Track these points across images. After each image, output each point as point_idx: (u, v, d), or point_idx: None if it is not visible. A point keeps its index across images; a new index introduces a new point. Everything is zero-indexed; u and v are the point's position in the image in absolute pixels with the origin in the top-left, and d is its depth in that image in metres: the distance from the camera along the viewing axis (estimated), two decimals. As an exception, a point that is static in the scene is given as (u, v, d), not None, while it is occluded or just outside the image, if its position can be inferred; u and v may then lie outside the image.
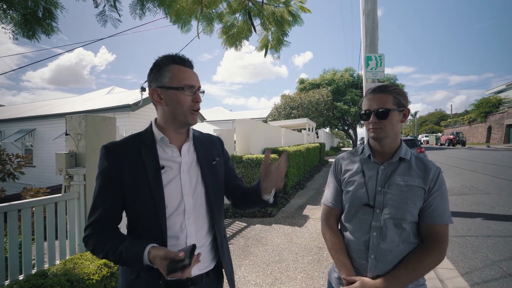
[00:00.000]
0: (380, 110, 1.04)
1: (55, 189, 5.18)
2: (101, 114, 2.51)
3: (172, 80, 0.92)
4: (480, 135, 34.68)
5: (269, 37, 3.83)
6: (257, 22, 3.61)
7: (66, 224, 2.48)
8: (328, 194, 1.22)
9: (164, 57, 0.95)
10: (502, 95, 35.61)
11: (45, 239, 2.30)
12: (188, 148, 1.02)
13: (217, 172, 1.07)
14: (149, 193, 0.90)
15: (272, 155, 5.82)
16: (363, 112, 1.10)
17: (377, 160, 1.11)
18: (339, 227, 1.20)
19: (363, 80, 6.20)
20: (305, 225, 4.60)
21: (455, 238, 3.85)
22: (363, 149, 1.17)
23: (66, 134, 2.58)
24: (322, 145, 15.85)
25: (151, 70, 0.97)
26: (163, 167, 0.93)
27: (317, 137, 21.35)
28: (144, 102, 9.55)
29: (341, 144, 47.62)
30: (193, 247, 0.81)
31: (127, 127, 8.47)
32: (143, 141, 0.96)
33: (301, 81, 30.30)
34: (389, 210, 1.02)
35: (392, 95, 1.05)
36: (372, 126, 1.06)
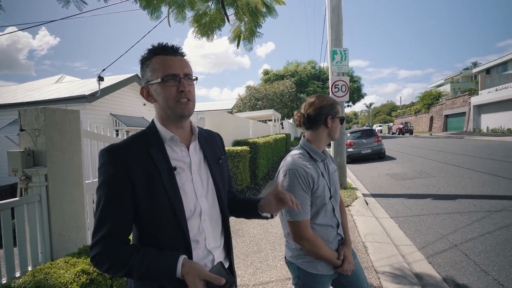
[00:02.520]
0: None
1: None
2: (51, 106, 2.24)
3: (153, 74, 0.87)
4: (424, 124, 38.81)
5: (242, 28, 3.76)
6: (230, 11, 3.51)
7: (25, 231, 2.21)
8: (302, 207, 1.20)
9: (147, 51, 0.90)
10: (441, 88, 40.12)
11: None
12: (195, 146, 0.97)
13: (224, 171, 1.05)
14: (166, 198, 0.84)
15: (244, 147, 5.82)
16: (342, 116, 1.36)
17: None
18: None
19: (329, 73, 6.46)
20: (278, 214, 4.73)
21: (411, 217, 4.31)
22: (309, 153, 1.30)
23: (21, 130, 2.27)
24: (288, 136, 16.29)
25: (140, 68, 0.92)
26: (175, 168, 0.88)
27: (282, 128, 21.87)
28: (102, 92, 8.78)
29: (304, 135, 49.39)
30: (222, 265, 0.82)
31: (83, 120, 7.71)
32: (150, 141, 0.89)
33: (266, 72, 30.53)
34: (337, 192, 1.35)
35: None
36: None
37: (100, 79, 8.10)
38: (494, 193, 5.15)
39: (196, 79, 0.93)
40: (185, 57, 0.93)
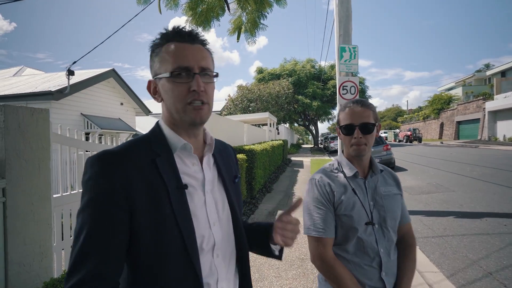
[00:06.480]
0: (366, 123, 1.16)
1: None
2: (11, 103, 2.05)
3: (161, 65, 0.77)
4: (434, 131, 39.67)
5: (243, 19, 3.67)
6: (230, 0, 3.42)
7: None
8: (318, 222, 1.16)
9: (159, 35, 0.79)
10: (452, 92, 41.23)
11: None
12: (208, 160, 0.86)
13: (240, 193, 0.97)
14: (175, 225, 0.71)
15: (241, 156, 5.69)
16: (343, 125, 1.20)
17: (360, 175, 1.22)
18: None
19: (337, 73, 6.43)
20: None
21: (433, 238, 4.25)
22: (338, 166, 1.24)
23: (-26, 133, 2.07)
24: (285, 142, 16.27)
25: (149, 56, 0.82)
26: (186, 186, 0.75)
27: (278, 133, 21.85)
28: (72, 88, 8.50)
29: (301, 141, 49.63)
30: None
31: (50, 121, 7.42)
32: (155, 149, 0.77)
33: (260, 71, 30.61)
34: (387, 223, 1.17)
35: (372, 110, 1.20)
36: (357, 142, 1.16)
37: (70, 73, 7.82)
38: (523, 211, 5.17)
39: (217, 75, 0.82)
40: (206, 47, 0.82)
